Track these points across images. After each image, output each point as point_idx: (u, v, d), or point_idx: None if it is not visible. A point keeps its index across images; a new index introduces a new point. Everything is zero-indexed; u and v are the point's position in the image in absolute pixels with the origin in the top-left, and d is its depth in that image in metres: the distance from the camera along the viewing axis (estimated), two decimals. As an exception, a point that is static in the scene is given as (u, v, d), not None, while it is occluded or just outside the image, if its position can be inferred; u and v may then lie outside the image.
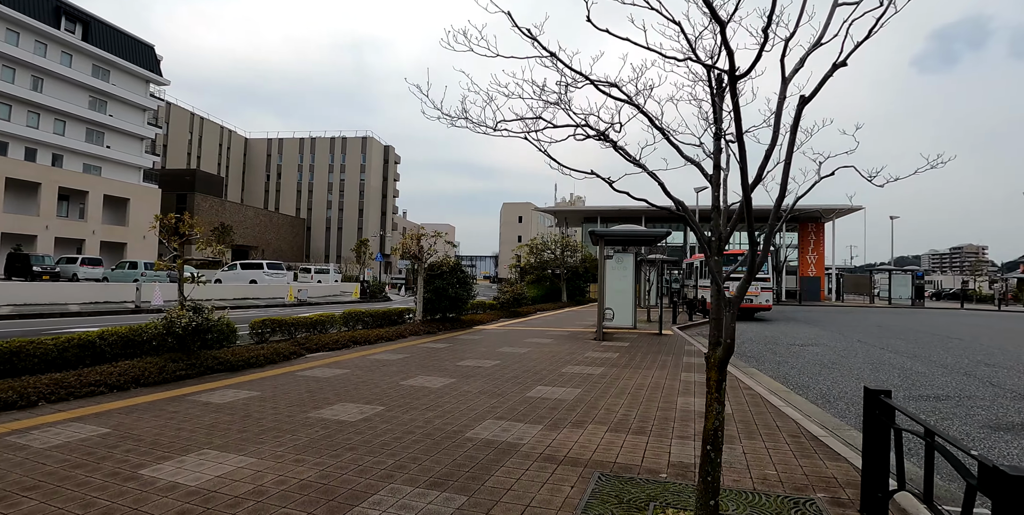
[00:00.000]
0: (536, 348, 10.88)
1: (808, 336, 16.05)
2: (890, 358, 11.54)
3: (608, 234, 12.44)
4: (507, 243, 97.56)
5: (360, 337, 11.23)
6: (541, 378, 7.62)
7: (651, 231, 12.21)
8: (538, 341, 12.10)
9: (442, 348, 10.64)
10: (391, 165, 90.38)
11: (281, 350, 9.03)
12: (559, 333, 14.06)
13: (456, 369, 8.22)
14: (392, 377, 7.47)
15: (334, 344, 10.39)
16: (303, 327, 11.87)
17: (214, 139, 77.44)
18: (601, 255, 12.48)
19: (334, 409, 5.64)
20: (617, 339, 12.85)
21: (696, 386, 7.27)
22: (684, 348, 11.42)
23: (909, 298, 40.93)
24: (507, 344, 11.44)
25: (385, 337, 11.79)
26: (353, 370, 7.99)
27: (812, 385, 8.40)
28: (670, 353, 10.58)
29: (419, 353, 9.90)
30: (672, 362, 9.40)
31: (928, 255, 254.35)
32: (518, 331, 14.42)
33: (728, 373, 8.78)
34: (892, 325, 20.93)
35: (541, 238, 32.01)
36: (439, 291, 14.57)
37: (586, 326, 16.24)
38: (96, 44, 45.94)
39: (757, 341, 14.48)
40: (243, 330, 10.59)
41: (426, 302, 14.77)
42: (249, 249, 64.54)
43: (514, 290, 20.59)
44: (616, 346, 11.46)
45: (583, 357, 9.75)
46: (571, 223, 54.51)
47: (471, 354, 9.89)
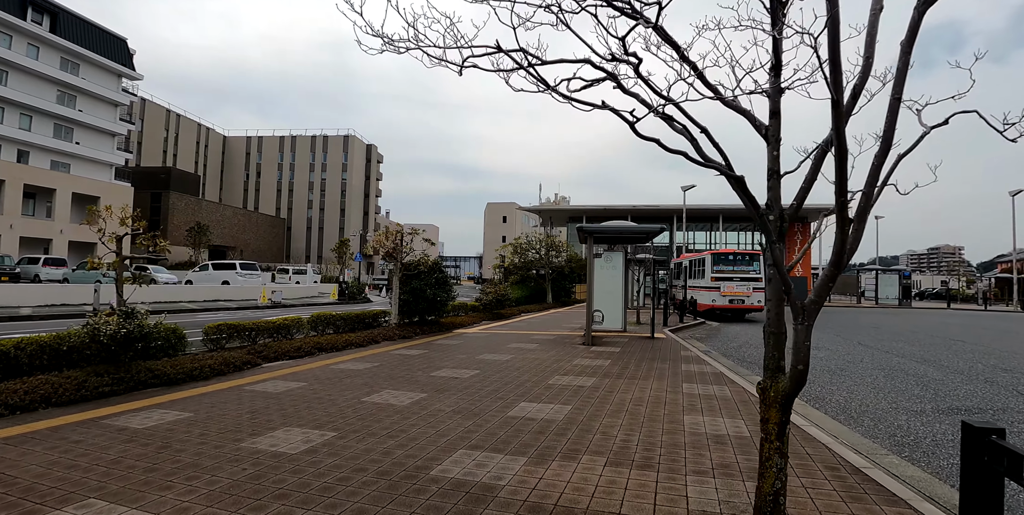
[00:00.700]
0: (520, 355, 9.94)
1: (806, 339, 15.28)
2: (899, 363, 10.76)
3: (597, 230, 11.54)
4: (491, 243, 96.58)
5: (327, 343, 10.21)
6: (525, 392, 6.68)
7: (643, 227, 11.35)
8: (522, 346, 11.17)
9: (416, 355, 9.66)
10: (373, 164, 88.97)
11: (233, 359, 8.01)
12: (545, 337, 13.14)
13: (429, 381, 7.25)
14: (354, 392, 6.49)
15: (296, 352, 9.37)
16: (265, 332, 10.84)
17: (191, 137, 75.55)
18: (589, 253, 11.58)
19: (275, 436, 4.66)
20: (607, 344, 11.96)
21: (703, 401, 6.37)
22: (680, 354, 10.54)
23: (896, 298, 40.62)
24: (488, 350, 10.49)
25: (355, 343, 10.78)
26: (311, 383, 7.00)
27: (827, 396, 7.55)
28: (666, 360, 9.69)
29: (390, 361, 8.92)
30: (670, 371, 8.51)
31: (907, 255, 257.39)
32: (501, 335, 13.47)
33: (731, 381, 7.92)
34: (888, 326, 20.29)
35: (526, 237, 31.08)
36: (416, 292, 13.58)
37: (573, 329, 15.35)
38: (65, 36, 44.24)
39: (755, 344, 13.67)
40: (200, 336, 9.57)
41: (402, 304, 13.77)
42: (227, 249, 62.91)
43: (497, 291, 19.64)
44: (607, 352, 10.56)
45: (572, 365, 8.83)
46: (556, 223, 53.67)
47: (448, 362, 8.92)
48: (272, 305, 25.26)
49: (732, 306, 20.97)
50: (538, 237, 31.11)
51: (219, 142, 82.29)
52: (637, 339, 13.08)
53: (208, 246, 58.08)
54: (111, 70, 48.62)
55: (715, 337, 15.45)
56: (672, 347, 11.62)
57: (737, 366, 9.78)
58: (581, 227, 11.16)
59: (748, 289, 20.92)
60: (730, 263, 21.29)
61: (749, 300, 20.93)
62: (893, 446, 5.33)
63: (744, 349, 12.77)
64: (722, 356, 11.14)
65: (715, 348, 12.69)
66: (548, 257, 29.93)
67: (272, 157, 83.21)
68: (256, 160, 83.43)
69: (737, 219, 47.64)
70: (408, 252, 13.58)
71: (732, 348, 12.92)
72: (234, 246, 65.25)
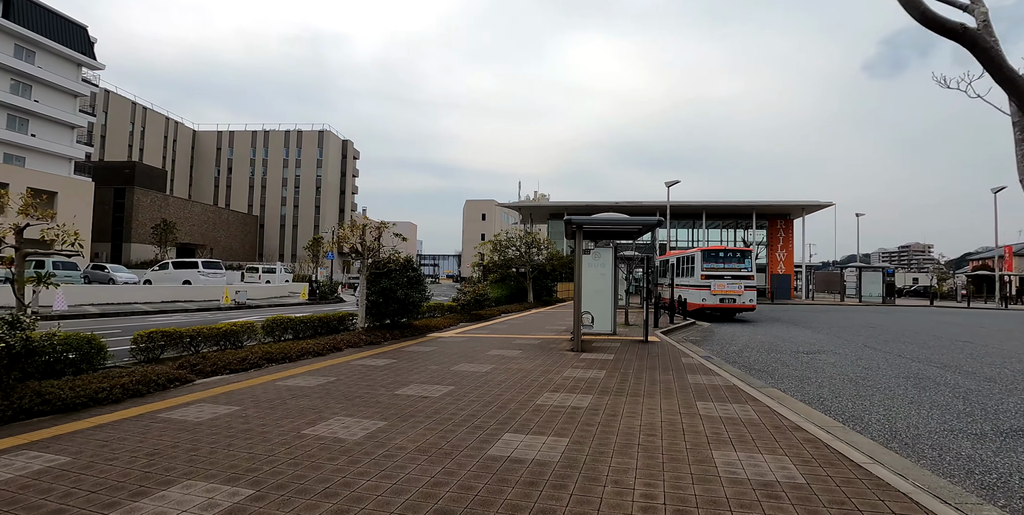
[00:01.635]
0: (501, 364, 8.70)
1: (807, 341, 14.27)
2: (920, 370, 9.74)
3: (587, 223, 10.32)
4: (470, 241, 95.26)
5: (280, 353, 8.86)
6: (510, 417, 5.44)
7: (639, 219, 10.15)
8: (504, 354, 9.93)
9: (382, 366, 8.36)
10: (350, 160, 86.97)
11: (157, 375, 6.64)
12: (528, 342, 11.92)
13: (393, 403, 5.97)
14: (296, 419, 5.19)
15: (241, 364, 8.01)
16: (209, 340, 9.46)
17: (158, 131, 72.87)
18: (578, 249, 10.38)
19: (165, 499, 3.36)
20: (598, 349, 10.78)
21: (728, 427, 5.20)
22: (681, 361, 9.39)
23: (879, 296, 40.21)
24: (465, 359, 9.22)
25: (314, 351, 9.43)
26: (246, 407, 5.68)
27: (863, 415, 6.43)
28: (668, 369, 8.52)
29: (350, 375, 7.61)
30: (677, 383, 7.33)
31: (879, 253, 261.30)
32: (480, 339, 12.22)
33: (751, 397, 6.76)
34: (884, 326, 19.45)
35: (506, 234, 29.83)
36: (386, 293, 12.26)
37: (559, 332, 14.15)
38: (19, 22, 41.85)
39: (756, 348, 12.60)
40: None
41: (370, 306, 12.44)
42: (195, 247, 60.67)
43: (476, 290, 18.38)
44: (600, 360, 9.36)
45: (562, 378, 7.61)
46: (536, 220, 52.50)
47: (418, 375, 7.64)
48: (236, 306, 23.69)
49: (723, 305, 19.96)
50: (518, 234, 29.87)
51: (188, 137, 79.62)
52: (629, 343, 11.92)
53: (175, 244, 55.88)
54: (70, 59, 46.26)
55: (711, 340, 14.37)
56: (669, 353, 10.47)
57: (747, 375, 8.66)
58: (570, 219, 9.95)
59: (740, 287, 19.93)
60: (721, 260, 20.28)
61: (741, 299, 19.94)
62: (979, 488, 4.20)
63: (746, 353, 11.69)
64: (726, 363, 10.02)
65: (715, 353, 11.59)
66: (529, 255, 28.72)
67: (244, 152, 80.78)
68: (227, 155, 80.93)
69: (720, 216, 46.94)
70: (377, 248, 12.25)
71: (733, 353, 11.82)
72: (203, 244, 63.00)
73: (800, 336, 15.44)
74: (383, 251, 12.47)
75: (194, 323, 17.62)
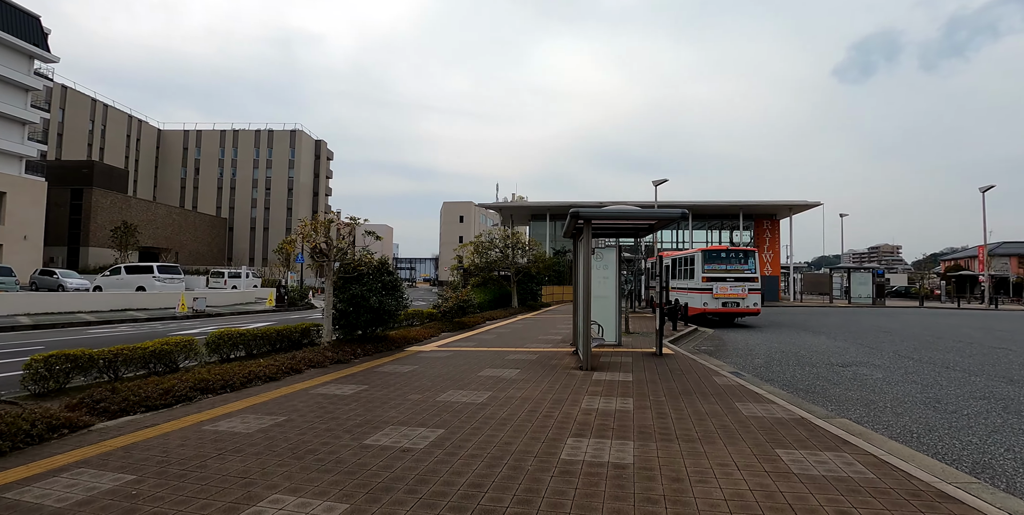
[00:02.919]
0: (500, 391, 6.98)
1: (831, 350, 12.80)
2: (990, 387, 8.27)
3: (599, 216, 8.64)
4: (448, 244, 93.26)
5: (221, 379, 7.03)
6: (531, 491, 3.72)
7: (660, 212, 8.47)
8: (499, 374, 8.21)
9: (350, 396, 6.59)
10: (323, 161, 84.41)
11: (31, 421, 4.79)
12: (524, 357, 10.23)
13: (359, 463, 4.22)
14: (207, 506, 3.42)
15: (165, 396, 6.17)
16: (133, 363, 7.62)
17: (120, 129, 69.58)
18: (586, 248, 8.72)
19: None
20: (610, 366, 9.13)
21: (846, 493, 3.55)
22: (715, 381, 7.77)
23: (869, 297, 39.35)
24: (454, 383, 7.49)
25: (264, 375, 7.62)
26: (143, 478, 3.89)
27: (992, 462, 4.86)
28: (706, 393, 6.90)
29: (306, 412, 5.83)
30: (731, 417, 5.70)
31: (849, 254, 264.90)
32: (467, 354, 10.49)
33: (837, 437, 4.94)
34: (897, 330, 18.14)
35: (488, 235, 28.09)
36: (357, 300, 10.47)
37: (555, 343, 12.49)
38: (-38, 11, 39.02)
39: (781, 360, 11.07)
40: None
41: (339, 316, 10.65)
42: (159, 251, 57.75)
43: (458, 296, 16.63)
44: (618, 382, 7.70)
45: (582, 412, 5.93)
46: (517, 221, 50.81)
47: (395, 411, 5.90)
48: (193, 315, 21.58)
49: (726, 310, 18.50)
50: (501, 235, 28.14)
51: (153, 136, 76.35)
52: (641, 357, 10.30)
53: (137, 248, 52.95)
54: (20, 50, 43.39)
55: (726, 350, 12.83)
56: (693, 369, 8.85)
57: (800, 400, 7.07)
58: (577, 212, 8.28)
59: (744, 290, 18.49)
60: (723, 261, 18.82)
61: (745, 303, 18.50)
62: None
63: (775, 367, 10.13)
64: (762, 381, 8.44)
65: (739, 367, 10.02)
66: (514, 257, 27.03)
67: (212, 152, 77.78)
68: (195, 156, 77.81)
69: (707, 217, 45.79)
70: (345, 248, 10.46)
71: (759, 367, 10.26)
72: (168, 248, 60.10)
73: (820, 344, 13.98)
74: (354, 252, 10.69)
75: (141, 335, 15.62)
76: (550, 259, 37.82)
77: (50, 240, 49.32)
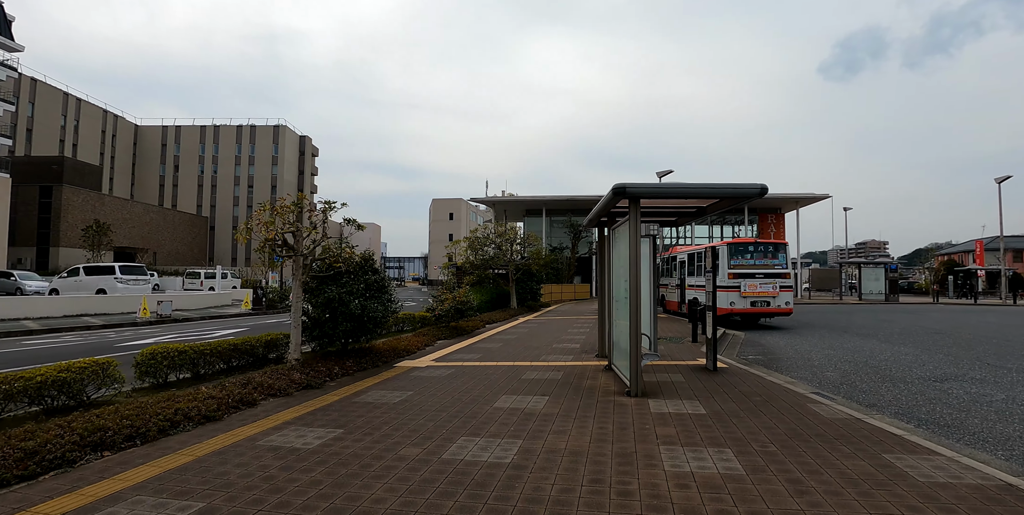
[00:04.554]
0: (533, 440, 4.88)
1: (900, 358, 10.81)
2: None
3: (652, 193, 6.45)
4: (437, 242, 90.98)
5: (128, 426, 4.88)
6: None
7: (729, 187, 6.34)
8: (522, 406, 6.12)
9: (311, 454, 4.45)
10: (308, 158, 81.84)
11: None
12: (546, 374, 8.15)
13: None
14: None
15: (24, 463, 4.01)
16: (19, 396, 5.48)
17: (95, 124, 66.59)
18: (634, 234, 6.64)
19: None
20: (662, 388, 7.06)
21: None
22: (820, 414, 5.71)
23: (881, 293, 37.60)
24: (463, 425, 5.37)
25: (199, 414, 5.46)
26: None
27: None
28: (827, 438, 4.83)
29: (235, 495, 3.70)
30: (902, 483, 3.64)
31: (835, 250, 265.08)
32: (473, 372, 8.39)
33: None
34: (946, 331, 16.18)
35: (483, 230, 25.95)
36: (333, 306, 8.34)
37: (575, 353, 10.43)
38: (-87, -6, 36.28)
39: (856, 373, 9.04)
40: None
41: (312, 325, 8.51)
42: (136, 251, 55.04)
43: (456, 297, 14.51)
44: (688, 415, 5.63)
45: (671, 478, 3.84)
46: (511, 217, 48.65)
47: (379, 492, 3.78)
48: (157, 320, 19.28)
49: (755, 310, 16.51)
50: (499, 230, 25.99)
51: (130, 131, 73.37)
52: (690, 372, 8.25)
53: (112, 248, 50.28)
54: (-21, 38, 40.68)
55: (777, 359, 10.80)
56: (770, 391, 6.80)
57: (961, 446, 5.03)
58: (623, 188, 6.17)
59: (774, 288, 16.50)
60: (751, 255, 16.82)
61: (776, 302, 16.52)
62: None
63: (857, 384, 8.09)
64: (867, 408, 6.40)
65: (813, 382, 7.98)
66: (512, 253, 24.92)
67: (192, 149, 74.92)
68: (174, 152, 74.94)
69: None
70: (319, 239, 8.31)
71: (838, 383, 8.22)
72: (145, 248, 57.39)
73: (880, 350, 11.99)
74: (329, 244, 8.55)
75: (86, 346, 13.37)
76: (548, 256, 35.82)
77: (17, 240, 46.64)
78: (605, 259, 9.61)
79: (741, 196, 6.60)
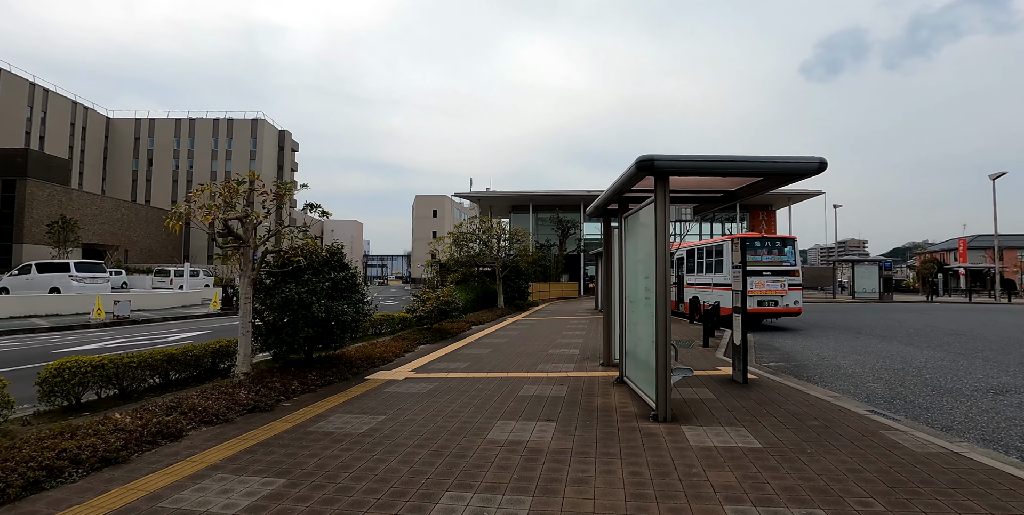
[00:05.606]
0: (546, 494, 3.58)
1: (938, 365, 9.67)
2: None
3: (686, 167, 5.03)
4: (420, 240, 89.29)
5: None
6: None
7: (781, 161, 5.10)
8: (525, 438, 4.82)
9: (234, 521, 3.12)
10: (287, 153, 79.70)
11: None
12: (547, 389, 6.86)
13: None
14: None
15: None
16: None
17: (63, 116, 64.04)
18: (661, 217, 5.36)
19: None
20: (693, 409, 5.80)
21: None
22: (903, 446, 4.48)
23: (875, 291, 36.83)
24: (449, 469, 4.05)
25: (96, 456, 4.08)
26: None
27: None
28: (937, 487, 3.60)
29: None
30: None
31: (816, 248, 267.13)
32: (460, 386, 7.08)
33: None
34: (965, 331, 15.15)
35: (469, 225, 24.58)
36: (293, 307, 6.98)
37: (575, 360, 9.16)
38: None
39: (902, 385, 7.85)
40: None
41: (266, 331, 7.14)
42: (105, 248, 52.77)
43: (440, 296, 13.15)
44: (739, 450, 4.36)
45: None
46: (496, 213, 47.33)
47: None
48: (113, 321, 17.69)
49: (763, 310, 15.35)
50: (484, 226, 24.62)
51: (101, 124, 70.79)
52: (717, 385, 7.00)
53: (79, 244, 48.19)
54: (-66, 22, 38.40)
55: (803, 366, 9.61)
56: (824, 412, 5.57)
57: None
58: (650, 160, 4.86)
59: (783, 286, 15.37)
60: (757, 251, 15.67)
61: (784, 301, 15.39)
62: None
63: (911, 398, 6.90)
64: (937, 430, 5.18)
65: (859, 396, 6.77)
66: (499, 249, 23.60)
67: (167, 143, 72.49)
68: (147, 146, 72.47)
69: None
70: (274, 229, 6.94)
71: (889, 397, 7.02)
72: (115, 245, 55.05)
73: (911, 356, 10.85)
74: (287, 234, 7.18)
75: (20, 352, 11.85)
76: (535, 253, 34.56)
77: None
78: (612, 254, 8.34)
79: (795, 172, 5.34)
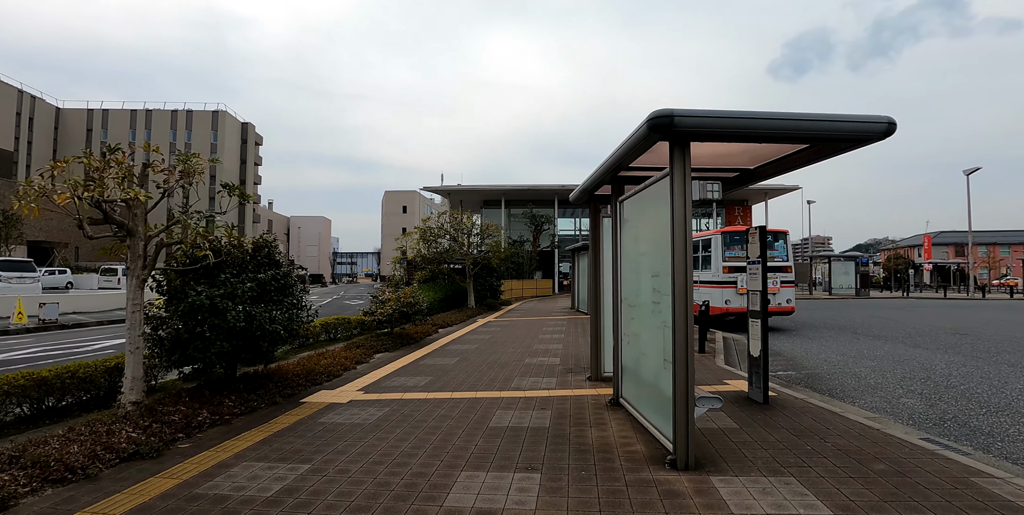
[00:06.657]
0: None
1: (962, 371, 8.58)
2: None
3: (720, 125, 3.71)
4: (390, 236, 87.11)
5: None
6: None
7: (839, 119, 3.91)
8: (498, 503, 3.45)
9: None
10: (251, 146, 76.85)
11: None
12: (527, 417, 5.52)
13: None
14: None
15: None
16: None
17: (8, 106, 60.46)
18: (681, 197, 4.04)
19: None
20: (717, 450, 4.52)
21: None
22: (1015, 505, 3.25)
23: (852, 288, 36.43)
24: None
25: None
26: None
27: None
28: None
29: None
30: None
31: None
32: (415, 413, 5.69)
33: None
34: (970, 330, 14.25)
35: (438, 219, 23.10)
36: (202, 313, 5.49)
37: (557, 373, 7.84)
38: None
39: (944, 400, 6.69)
40: None
41: (171, 346, 5.64)
42: (53, 246, 49.88)
43: (401, 297, 11.70)
44: (799, 522, 3.07)
45: None
46: (468, 208, 45.80)
47: None
48: (38, 325, 15.81)
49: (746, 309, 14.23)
50: (453, 221, 23.16)
51: (50, 114, 67.19)
52: (734, 406, 5.74)
53: (24, 242, 45.33)
54: None
55: (813, 372, 8.44)
56: (879, 445, 4.34)
57: None
58: (669, 116, 3.57)
59: (775, 283, 14.30)
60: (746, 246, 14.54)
61: (776, 299, 14.31)
62: None
63: (963, 418, 5.73)
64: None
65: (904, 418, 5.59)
66: (469, 245, 22.19)
67: (121, 135, 69.06)
68: (100, 138, 68.95)
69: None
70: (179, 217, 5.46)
71: (923, 412, 5.84)
72: (64, 242, 52.10)
73: (927, 361, 9.79)
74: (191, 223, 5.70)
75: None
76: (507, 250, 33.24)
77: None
78: (603, 247, 7.05)
79: (858, 137, 4.05)
